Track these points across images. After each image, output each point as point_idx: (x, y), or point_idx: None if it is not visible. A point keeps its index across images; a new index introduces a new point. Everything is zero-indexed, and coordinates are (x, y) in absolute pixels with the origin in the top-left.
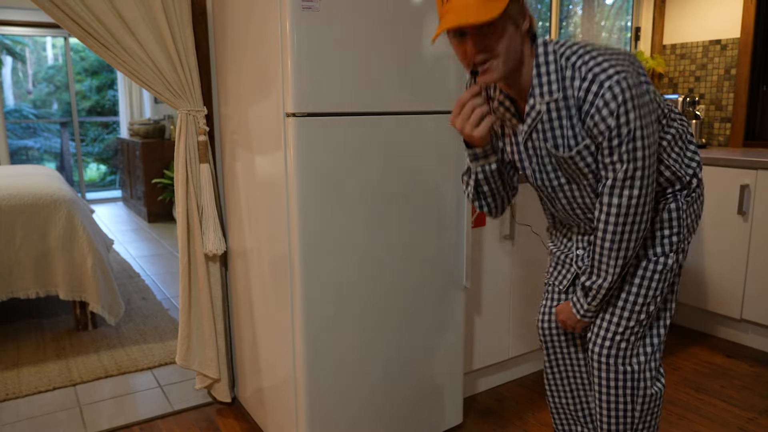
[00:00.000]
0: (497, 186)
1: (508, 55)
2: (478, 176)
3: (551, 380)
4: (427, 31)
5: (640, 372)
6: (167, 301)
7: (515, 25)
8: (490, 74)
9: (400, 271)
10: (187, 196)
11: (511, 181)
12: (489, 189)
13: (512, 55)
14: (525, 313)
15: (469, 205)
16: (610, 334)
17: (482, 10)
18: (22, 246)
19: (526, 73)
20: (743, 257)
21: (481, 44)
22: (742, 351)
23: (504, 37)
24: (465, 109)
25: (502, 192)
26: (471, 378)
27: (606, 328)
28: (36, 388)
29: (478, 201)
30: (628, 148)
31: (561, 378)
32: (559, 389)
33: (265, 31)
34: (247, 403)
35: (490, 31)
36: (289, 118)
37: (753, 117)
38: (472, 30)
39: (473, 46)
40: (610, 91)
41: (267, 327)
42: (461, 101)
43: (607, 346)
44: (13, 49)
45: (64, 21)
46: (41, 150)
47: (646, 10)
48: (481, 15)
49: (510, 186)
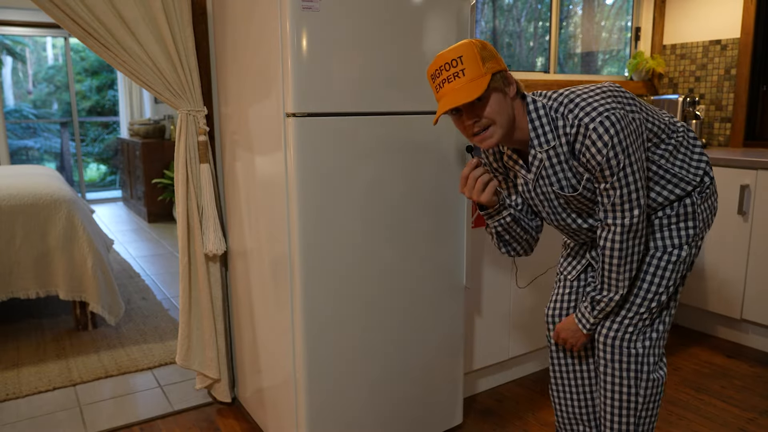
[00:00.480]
0: (518, 233)
1: (501, 119)
2: (498, 229)
3: (557, 374)
4: (427, 30)
5: (644, 356)
6: (167, 301)
7: (503, 93)
8: (489, 140)
9: (400, 271)
10: (187, 196)
11: (530, 225)
12: (510, 237)
13: (505, 118)
14: (525, 313)
15: (469, 205)
16: (620, 318)
17: (470, 91)
18: (22, 246)
19: (523, 128)
20: (743, 257)
21: (476, 116)
22: (743, 351)
23: (494, 106)
24: (469, 181)
25: (524, 236)
26: (471, 378)
27: (616, 312)
28: (36, 388)
29: (504, 248)
30: (619, 176)
31: (567, 372)
32: (564, 385)
33: (265, 31)
34: (247, 403)
35: (481, 105)
36: (289, 118)
37: (753, 117)
38: (465, 107)
39: (469, 119)
40: (595, 132)
41: (267, 327)
42: (464, 175)
43: (615, 329)
44: (13, 49)
45: (64, 21)
46: (41, 150)
47: (646, 10)
48: (469, 95)
49: (532, 228)
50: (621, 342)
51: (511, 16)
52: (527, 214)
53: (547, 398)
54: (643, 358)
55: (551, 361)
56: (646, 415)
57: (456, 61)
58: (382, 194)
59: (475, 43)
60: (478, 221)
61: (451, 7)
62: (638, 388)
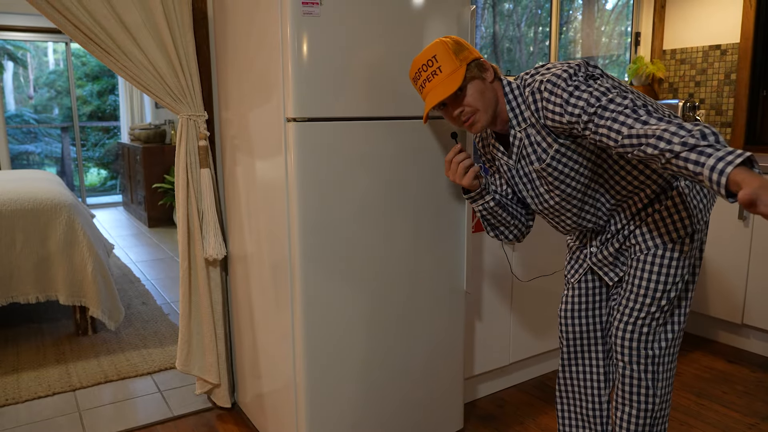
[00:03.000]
0: (504, 217)
1: (484, 104)
2: (482, 213)
3: (566, 374)
4: (428, 35)
5: (661, 356)
6: (167, 306)
7: (480, 79)
8: (475, 125)
9: (400, 275)
10: (187, 201)
11: (519, 211)
12: (496, 221)
13: (487, 103)
14: (526, 318)
15: (469, 210)
16: (632, 319)
17: (449, 85)
18: (23, 250)
19: (504, 110)
20: (744, 262)
21: (460, 106)
22: (744, 356)
23: (474, 94)
24: (452, 165)
25: (511, 221)
26: (472, 383)
27: (629, 314)
28: (36, 393)
29: (492, 231)
30: (580, 99)
31: (577, 372)
32: (573, 385)
33: (265, 36)
34: (248, 408)
35: (462, 95)
36: (289, 122)
37: (753, 122)
38: (449, 100)
39: (455, 110)
40: (549, 83)
41: (267, 331)
42: (447, 159)
43: (630, 330)
44: (14, 54)
45: (65, 26)
46: (42, 155)
47: (646, 15)
48: (448, 89)
49: (520, 215)
50: (639, 344)
51: (512, 21)
52: (517, 202)
53: (547, 403)
54: (660, 359)
55: (562, 363)
56: (660, 416)
57: (431, 60)
58: (382, 199)
59: (445, 41)
60: (479, 226)
61: (451, 13)
62: (655, 389)
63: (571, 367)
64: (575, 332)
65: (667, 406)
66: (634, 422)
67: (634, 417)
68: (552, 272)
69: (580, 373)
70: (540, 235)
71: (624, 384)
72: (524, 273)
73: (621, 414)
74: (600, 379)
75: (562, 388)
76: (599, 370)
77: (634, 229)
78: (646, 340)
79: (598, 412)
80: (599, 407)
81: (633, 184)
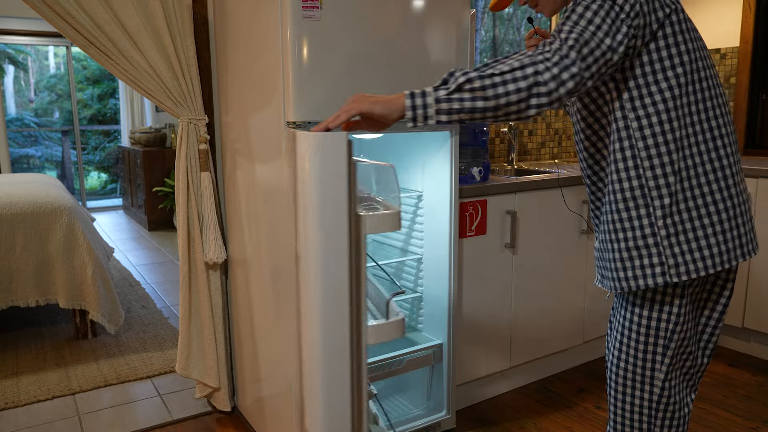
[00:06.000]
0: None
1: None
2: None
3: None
4: (428, 39)
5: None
6: (167, 310)
7: None
8: (541, 8)
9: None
10: (187, 205)
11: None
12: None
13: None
14: (526, 321)
15: (455, 218)
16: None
17: None
18: (23, 254)
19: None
20: (745, 266)
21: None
22: (745, 360)
23: None
24: (527, 43)
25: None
26: (472, 387)
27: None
28: (35, 397)
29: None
30: (567, 23)
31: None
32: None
33: (266, 40)
34: (247, 412)
35: None
36: (289, 126)
37: (753, 125)
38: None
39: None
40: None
41: (267, 335)
42: (525, 37)
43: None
44: (15, 57)
45: (66, 30)
46: (42, 158)
47: None
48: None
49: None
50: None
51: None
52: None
53: (548, 406)
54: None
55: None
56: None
57: None
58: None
59: None
60: (463, 231)
61: (451, 17)
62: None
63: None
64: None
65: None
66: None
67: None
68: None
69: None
70: (540, 236)
71: (617, 400)
72: (525, 275)
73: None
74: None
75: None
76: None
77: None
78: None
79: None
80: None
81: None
